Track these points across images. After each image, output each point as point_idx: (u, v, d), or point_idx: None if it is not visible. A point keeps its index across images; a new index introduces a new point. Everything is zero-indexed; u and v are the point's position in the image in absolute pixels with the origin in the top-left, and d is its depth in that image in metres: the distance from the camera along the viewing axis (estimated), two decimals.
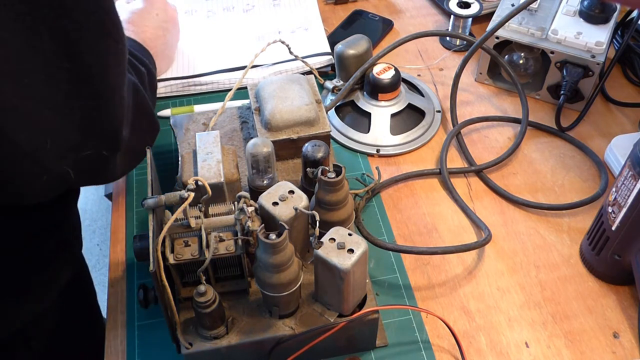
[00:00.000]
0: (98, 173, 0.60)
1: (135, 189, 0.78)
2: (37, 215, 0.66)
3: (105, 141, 0.57)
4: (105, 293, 0.69)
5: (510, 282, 0.69)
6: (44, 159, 0.52)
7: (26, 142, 0.50)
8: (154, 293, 0.57)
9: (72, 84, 0.51)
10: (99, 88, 0.53)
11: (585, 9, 0.84)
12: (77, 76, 0.51)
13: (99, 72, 0.52)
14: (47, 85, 0.49)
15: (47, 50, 0.48)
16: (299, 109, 0.70)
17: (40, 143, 0.51)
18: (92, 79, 0.52)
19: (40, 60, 0.48)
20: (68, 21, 0.48)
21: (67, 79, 0.50)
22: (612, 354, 0.63)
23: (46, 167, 0.53)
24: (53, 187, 0.56)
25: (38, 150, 0.51)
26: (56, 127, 0.52)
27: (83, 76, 0.51)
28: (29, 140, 0.50)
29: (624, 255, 0.64)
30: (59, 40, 0.48)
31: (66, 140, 0.53)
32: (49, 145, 0.52)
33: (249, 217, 0.56)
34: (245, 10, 1.02)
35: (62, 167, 0.54)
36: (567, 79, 0.82)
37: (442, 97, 0.89)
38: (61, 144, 0.53)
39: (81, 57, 0.50)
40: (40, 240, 0.68)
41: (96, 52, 0.52)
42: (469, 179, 0.79)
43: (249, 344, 0.57)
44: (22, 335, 0.71)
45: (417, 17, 1.04)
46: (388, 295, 0.68)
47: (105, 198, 1.79)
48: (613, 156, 0.79)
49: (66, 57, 0.49)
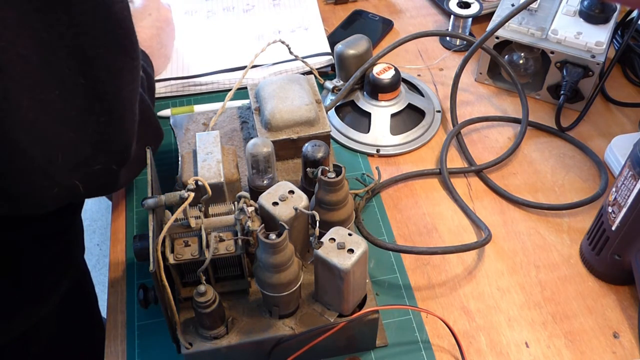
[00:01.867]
0: (106, 185, 0.60)
1: (135, 189, 0.78)
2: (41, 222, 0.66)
3: (115, 156, 0.57)
4: (105, 293, 0.69)
5: (510, 282, 0.69)
6: (55, 172, 0.52)
7: (39, 155, 0.50)
8: (154, 293, 0.57)
9: (86, 100, 0.51)
10: (112, 104, 0.53)
11: (585, 9, 0.84)
12: (91, 92, 0.51)
13: (113, 89, 0.53)
14: (62, 101, 0.49)
15: (63, 66, 0.48)
16: (299, 109, 0.70)
17: (52, 157, 0.51)
18: (106, 95, 0.52)
19: (57, 76, 0.49)
20: (85, 38, 0.49)
21: (82, 95, 0.51)
22: (612, 354, 0.63)
23: (56, 180, 0.53)
24: (62, 199, 0.57)
25: (50, 164, 0.51)
26: (69, 142, 0.52)
27: (97, 93, 0.51)
28: (42, 154, 0.51)
29: (624, 255, 0.64)
30: (76, 57, 0.49)
31: (78, 155, 0.53)
32: (60, 160, 0.52)
33: (249, 217, 0.56)
34: (245, 10, 1.02)
35: (72, 180, 0.54)
36: (567, 79, 0.82)
37: (442, 97, 0.89)
38: (72, 158, 0.53)
39: (97, 73, 0.51)
40: (43, 246, 0.68)
41: (111, 69, 0.52)
42: (469, 179, 0.79)
43: (249, 344, 0.57)
44: (22, 341, 0.71)
45: (417, 17, 1.04)
46: (388, 295, 0.68)
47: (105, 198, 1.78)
48: (613, 156, 0.79)
49: (82, 74, 0.50)
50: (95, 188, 0.59)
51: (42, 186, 0.53)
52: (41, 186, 0.53)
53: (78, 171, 0.54)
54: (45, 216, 0.63)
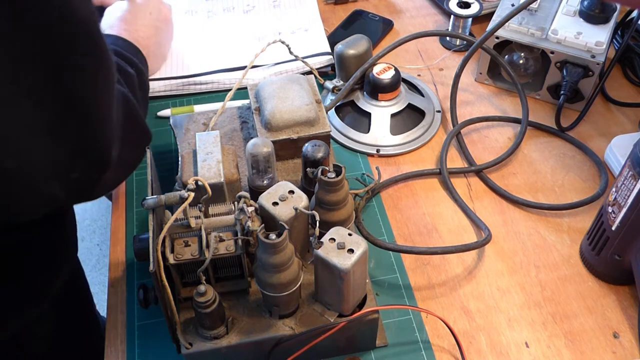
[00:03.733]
0: (88, 192, 0.59)
1: (135, 189, 0.78)
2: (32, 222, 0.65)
3: (94, 163, 0.55)
4: (105, 293, 0.69)
5: (510, 282, 0.69)
6: (32, 182, 0.51)
7: (13, 167, 0.49)
8: (154, 293, 0.57)
9: (60, 109, 0.50)
10: (87, 112, 0.52)
11: (585, 9, 0.84)
12: (65, 101, 0.50)
13: (87, 96, 0.51)
14: (34, 111, 0.48)
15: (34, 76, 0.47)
16: (299, 109, 0.70)
17: (28, 167, 0.50)
18: (80, 102, 0.51)
19: (28, 86, 0.47)
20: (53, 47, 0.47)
21: (55, 105, 0.49)
22: (612, 354, 0.63)
23: (35, 189, 0.52)
24: (42, 208, 0.56)
25: (26, 174, 0.50)
26: (44, 151, 0.51)
27: (71, 101, 0.50)
28: (17, 165, 0.49)
29: (624, 255, 0.64)
30: (46, 66, 0.47)
31: (54, 164, 0.52)
32: (37, 169, 0.51)
33: (249, 217, 0.56)
34: (245, 11, 1.02)
35: (51, 189, 0.53)
36: (567, 79, 0.82)
37: (442, 97, 0.89)
38: (49, 167, 0.52)
39: (67, 82, 0.49)
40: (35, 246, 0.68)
41: (84, 77, 0.51)
42: (469, 179, 0.79)
43: (249, 344, 0.57)
44: (16, 341, 0.71)
45: (417, 17, 1.04)
46: (388, 295, 0.68)
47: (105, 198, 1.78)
48: (613, 156, 0.78)
49: (54, 83, 0.48)
50: (77, 196, 0.58)
51: (20, 197, 0.52)
52: (20, 197, 0.52)
53: (57, 180, 0.53)
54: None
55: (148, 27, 0.83)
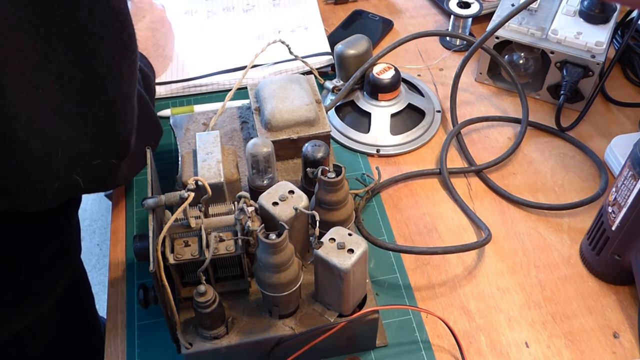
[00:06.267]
0: (106, 180, 0.60)
1: (135, 189, 0.78)
2: (38, 221, 0.66)
3: (114, 150, 0.57)
4: (105, 293, 0.69)
5: (510, 282, 0.69)
6: (54, 167, 0.52)
7: (38, 150, 0.50)
8: (154, 293, 0.57)
9: (85, 94, 0.51)
10: (111, 98, 0.53)
11: (585, 9, 0.84)
12: (90, 86, 0.51)
13: (111, 83, 0.53)
14: (60, 95, 0.50)
15: (61, 61, 0.48)
16: (299, 109, 0.70)
17: (51, 151, 0.51)
18: (104, 89, 0.52)
19: (55, 70, 0.49)
20: (82, 32, 0.49)
21: (80, 89, 0.51)
22: (612, 354, 0.63)
23: (57, 175, 0.53)
24: (62, 195, 0.56)
25: (49, 158, 0.51)
26: (68, 136, 0.52)
27: (96, 86, 0.52)
28: (41, 149, 0.51)
29: (624, 255, 0.64)
30: (73, 51, 0.49)
31: (77, 149, 0.53)
32: (60, 154, 0.52)
33: (249, 217, 0.56)
34: (245, 10, 1.02)
35: (72, 175, 0.54)
36: (567, 79, 0.82)
37: (442, 97, 0.89)
38: (72, 152, 0.53)
39: (95, 67, 0.51)
40: (40, 246, 0.68)
41: (109, 63, 0.52)
42: (469, 179, 0.79)
43: (249, 344, 0.57)
44: (17, 342, 0.71)
45: (417, 17, 1.04)
46: (388, 295, 0.68)
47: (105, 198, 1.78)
48: (613, 156, 0.79)
49: (80, 68, 0.50)
50: (95, 183, 0.59)
51: (41, 181, 0.53)
52: (41, 181, 0.53)
53: (77, 166, 0.54)
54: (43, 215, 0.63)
55: (144, 30, 0.83)
